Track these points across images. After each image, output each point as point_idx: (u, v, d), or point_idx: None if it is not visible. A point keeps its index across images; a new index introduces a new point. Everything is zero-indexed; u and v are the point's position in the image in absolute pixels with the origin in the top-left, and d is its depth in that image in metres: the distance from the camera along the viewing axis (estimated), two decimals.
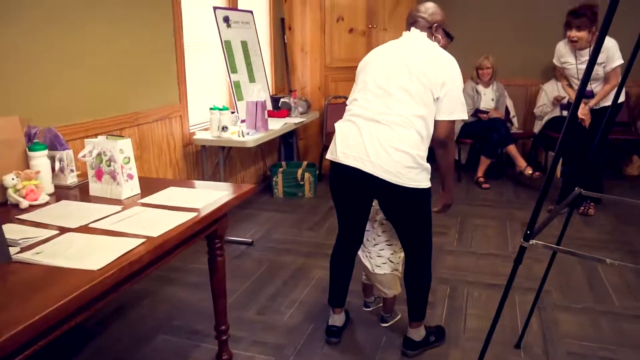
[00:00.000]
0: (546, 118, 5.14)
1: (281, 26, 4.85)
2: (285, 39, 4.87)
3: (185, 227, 1.62)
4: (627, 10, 3.65)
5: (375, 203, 2.19)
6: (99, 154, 1.94)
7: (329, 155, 2.08)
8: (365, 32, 4.98)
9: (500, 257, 3.26)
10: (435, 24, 2.09)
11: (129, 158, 1.95)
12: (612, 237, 3.57)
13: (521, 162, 4.69)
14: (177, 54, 3.31)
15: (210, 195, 1.94)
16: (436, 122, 1.98)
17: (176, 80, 3.34)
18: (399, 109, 1.92)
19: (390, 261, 2.31)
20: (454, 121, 1.99)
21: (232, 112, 3.77)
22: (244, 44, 4.05)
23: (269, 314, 2.58)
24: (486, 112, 4.85)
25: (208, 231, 1.93)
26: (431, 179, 2.00)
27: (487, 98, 4.94)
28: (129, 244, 1.44)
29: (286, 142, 4.84)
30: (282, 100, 4.22)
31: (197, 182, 2.16)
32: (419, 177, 1.94)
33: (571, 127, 4.24)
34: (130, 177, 1.96)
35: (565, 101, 4.69)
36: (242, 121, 3.70)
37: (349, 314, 2.50)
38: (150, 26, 3.05)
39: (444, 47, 2.09)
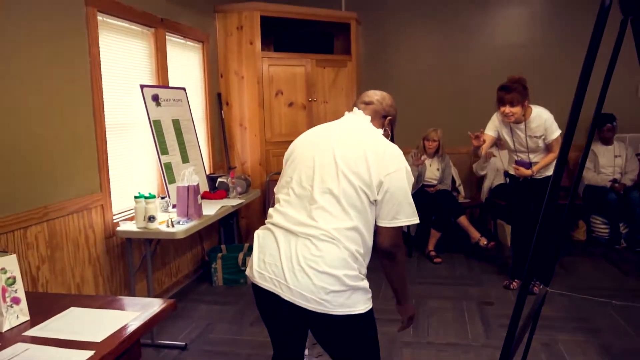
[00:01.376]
0: (487, 185, 5.11)
1: (218, 102, 4.64)
2: (222, 114, 4.66)
3: None
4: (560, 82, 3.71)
5: None
6: None
7: (247, 271, 1.71)
8: (305, 105, 4.85)
9: (460, 346, 3.00)
10: (390, 118, 1.81)
11: (14, 278, 1.58)
12: (570, 315, 3.39)
13: (474, 234, 4.56)
14: (98, 137, 3.00)
15: (117, 320, 1.59)
16: (378, 229, 1.64)
17: (96, 166, 3.00)
18: (322, 220, 1.57)
19: None
20: (400, 227, 1.64)
21: (163, 197, 3.44)
22: (176, 122, 3.78)
23: None
24: (432, 186, 4.74)
25: None
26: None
27: (433, 168, 4.86)
28: None
29: (226, 224, 4.50)
30: (219, 180, 3.93)
31: (104, 298, 1.80)
32: (350, 302, 1.55)
33: (515, 197, 4.10)
34: (16, 301, 1.58)
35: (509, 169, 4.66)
36: (174, 206, 3.37)
37: None
38: (65, 105, 2.74)
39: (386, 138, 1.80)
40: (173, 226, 2.96)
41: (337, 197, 1.58)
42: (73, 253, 2.81)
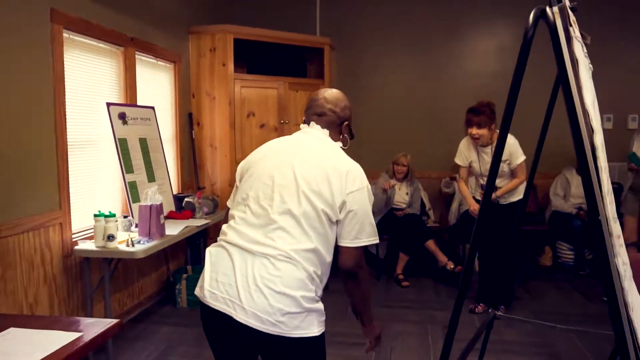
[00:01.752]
0: (455, 206, 5.16)
1: (189, 121, 4.64)
2: (193, 134, 4.65)
3: None
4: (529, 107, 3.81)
5: None
6: None
7: (197, 291, 1.63)
8: (277, 127, 4.87)
9: None
10: (346, 122, 1.75)
11: None
12: (531, 339, 3.42)
13: (442, 257, 4.59)
14: (59, 153, 2.95)
15: (57, 341, 1.55)
16: (340, 249, 1.59)
17: (56, 184, 2.95)
18: (280, 241, 1.52)
19: None
20: (362, 247, 1.60)
21: (126, 217, 3.40)
22: (143, 141, 3.75)
23: None
24: (401, 209, 4.78)
25: None
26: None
27: (402, 192, 4.90)
28: None
29: (192, 244, 4.45)
30: (185, 200, 3.90)
31: (47, 319, 1.75)
32: (304, 324, 1.52)
33: (483, 222, 4.12)
34: None
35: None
36: (137, 225, 3.32)
37: None
38: (24, 120, 2.70)
39: (345, 145, 1.77)
40: (133, 245, 2.92)
41: (297, 219, 1.54)
42: (27, 272, 2.74)
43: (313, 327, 1.55)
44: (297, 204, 1.54)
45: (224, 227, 1.67)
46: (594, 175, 0.99)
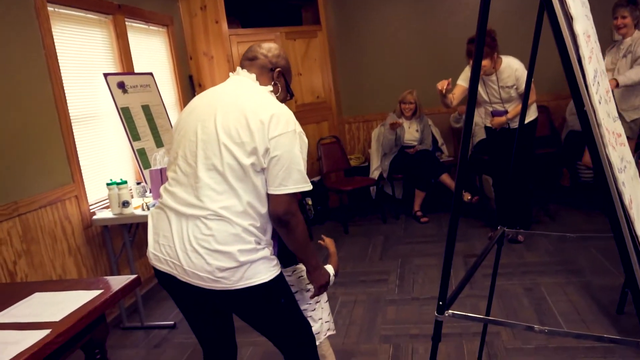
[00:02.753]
0: (473, 141, 5.09)
1: (190, 84, 4.61)
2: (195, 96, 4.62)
3: (28, 354, 1.28)
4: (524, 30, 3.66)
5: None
6: None
7: (147, 252, 1.62)
8: None
9: None
10: (279, 69, 1.65)
11: None
12: (553, 258, 3.43)
13: None
14: (63, 128, 2.98)
15: (78, 299, 1.61)
16: (268, 196, 1.52)
17: (65, 158, 2.99)
18: (208, 200, 1.48)
19: (325, 322, 2.02)
20: (293, 194, 1.51)
21: (139, 183, 3.45)
22: (146, 108, 3.76)
23: None
24: (412, 147, 4.74)
25: (79, 343, 1.58)
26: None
27: (412, 130, 4.84)
28: None
29: None
30: None
31: (68, 281, 1.82)
32: (249, 274, 1.49)
33: (494, 150, 4.07)
34: None
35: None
36: (151, 190, 3.37)
37: None
38: (23, 99, 2.73)
39: (282, 101, 1.65)
40: (148, 209, 2.97)
41: (222, 174, 1.48)
42: (51, 246, 2.83)
43: (260, 275, 1.52)
44: (219, 159, 1.48)
45: (161, 189, 1.64)
46: (575, 62, 0.95)
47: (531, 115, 3.71)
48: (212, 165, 1.49)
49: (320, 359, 2.09)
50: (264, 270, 1.53)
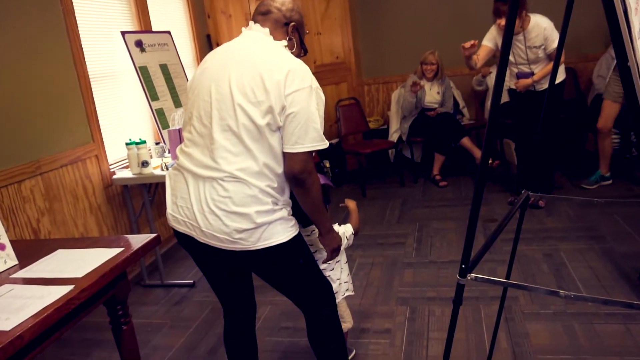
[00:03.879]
0: (490, 104, 4.96)
1: (208, 43, 4.55)
2: None
3: (53, 309, 1.30)
4: None
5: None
6: None
7: (167, 213, 1.63)
8: None
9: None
10: (293, 23, 1.58)
11: None
12: (574, 224, 3.38)
13: (478, 153, 4.50)
14: (82, 87, 2.98)
15: (100, 257, 1.63)
16: (284, 154, 1.48)
17: (85, 117, 3.00)
18: (224, 162, 1.45)
19: (344, 282, 2.05)
20: (309, 152, 1.47)
21: (158, 143, 3.46)
22: (164, 67, 3.73)
23: None
24: (433, 110, 4.64)
25: (102, 299, 1.61)
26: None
27: (433, 92, 4.74)
28: None
29: None
30: None
31: (90, 239, 1.84)
32: (266, 235, 1.49)
33: (518, 113, 3.97)
34: (1, 247, 1.63)
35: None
36: (169, 151, 3.38)
37: None
38: (42, 58, 2.71)
39: (296, 57, 1.57)
40: (167, 169, 2.98)
41: (237, 135, 1.45)
42: (73, 204, 2.87)
43: (278, 235, 1.51)
44: (234, 120, 1.44)
45: (177, 150, 1.62)
46: (620, 13, 0.89)
47: (559, 76, 3.58)
48: (227, 126, 1.46)
49: (348, 311, 2.12)
50: (282, 231, 1.52)
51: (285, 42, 1.57)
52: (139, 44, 3.51)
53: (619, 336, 2.15)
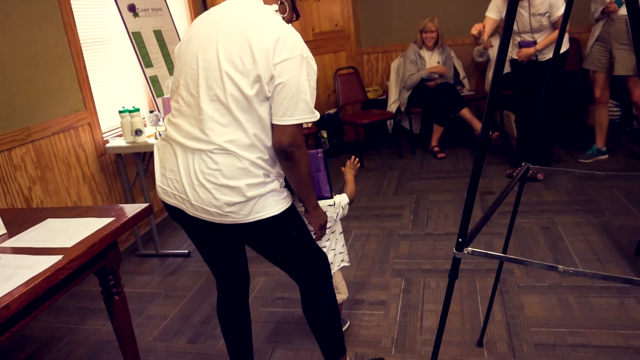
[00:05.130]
0: (490, 75, 4.89)
1: (204, 8, 4.42)
2: None
3: (41, 279, 1.28)
4: None
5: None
6: None
7: (157, 185, 1.57)
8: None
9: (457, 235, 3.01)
10: None
11: None
12: (572, 198, 3.36)
13: (478, 125, 4.44)
14: (74, 54, 2.90)
15: (90, 226, 1.60)
16: (272, 126, 1.41)
17: (77, 84, 2.93)
18: (213, 133, 1.39)
19: (339, 254, 2.03)
20: (299, 125, 1.40)
21: (152, 111, 3.39)
22: (158, 33, 3.63)
23: (202, 340, 2.26)
24: (432, 80, 4.56)
25: (92, 270, 1.59)
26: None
27: (433, 62, 4.65)
28: None
29: None
30: None
31: (80, 208, 1.81)
32: (258, 207, 1.45)
33: (519, 84, 3.90)
34: None
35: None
36: (164, 119, 3.32)
37: None
38: (31, 23, 2.63)
39: (288, 22, 1.48)
40: None
41: (225, 105, 1.38)
42: (65, 173, 2.83)
43: (270, 208, 1.47)
44: (222, 89, 1.37)
45: (165, 120, 1.56)
46: None
47: (564, 46, 3.50)
48: (215, 96, 1.38)
49: (343, 282, 2.11)
50: (274, 203, 1.48)
51: (276, 7, 1.47)
52: (132, 8, 3.41)
53: (613, 309, 2.15)
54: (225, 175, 1.41)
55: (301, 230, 1.61)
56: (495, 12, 3.62)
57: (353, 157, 2.11)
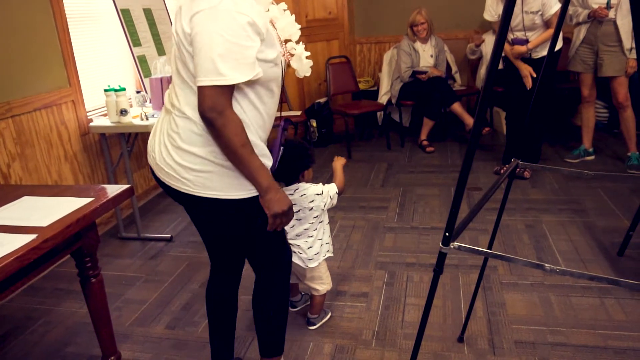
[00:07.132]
0: (483, 72, 4.87)
1: None
2: None
3: (12, 257, 1.23)
4: None
5: None
6: None
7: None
8: None
9: (442, 230, 3.00)
10: None
11: None
12: (558, 197, 3.37)
13: (468, 120, 4.43)
14: (59, 28, 2.82)
15: (68, 206, 1.55)
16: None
17: (61, 60, 2.85)
18: (177, 99, 1.41)
19: (325, 244, 2.02)
20: (218, 87, 1.28)
21: (139, 92, 3.32)
22: (148, 12, 3.55)
23: (181, 326, 2.23)
24: (424, 73, 4.52)
25: (68, 251, 1.54)
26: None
27: (426, 55, 4.62)
28: None
29: None
30: None
31: (59, 187, 1.75)
32: (213, 184, 1.39)
33: (510, 81, 3.90)
34: None
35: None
36: (151, 100, 3.25)
37: None
38: None
39: None
40: (147, 119, 2.87)
41: (179, 74, 1.39)
42: (46, 150, 2.76)
43: (227, 190, 1.40)
44: (179, 55, 1.36)
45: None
46: None
47: (558, 44, 3.49)
48: (180, 63, 1.38)
49: (317, 280, 2.09)
50: (229, 187, 1.40)
51: None
52: None
53: (594, 309, 2.16)
54: (183, 139, 1.40)
55: (260, 225, 1.47)
56: (490, 15, 3.64)
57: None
